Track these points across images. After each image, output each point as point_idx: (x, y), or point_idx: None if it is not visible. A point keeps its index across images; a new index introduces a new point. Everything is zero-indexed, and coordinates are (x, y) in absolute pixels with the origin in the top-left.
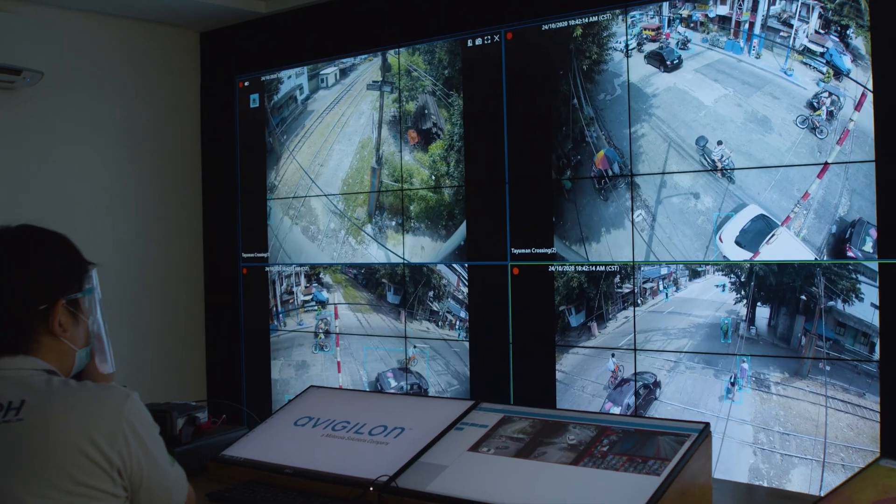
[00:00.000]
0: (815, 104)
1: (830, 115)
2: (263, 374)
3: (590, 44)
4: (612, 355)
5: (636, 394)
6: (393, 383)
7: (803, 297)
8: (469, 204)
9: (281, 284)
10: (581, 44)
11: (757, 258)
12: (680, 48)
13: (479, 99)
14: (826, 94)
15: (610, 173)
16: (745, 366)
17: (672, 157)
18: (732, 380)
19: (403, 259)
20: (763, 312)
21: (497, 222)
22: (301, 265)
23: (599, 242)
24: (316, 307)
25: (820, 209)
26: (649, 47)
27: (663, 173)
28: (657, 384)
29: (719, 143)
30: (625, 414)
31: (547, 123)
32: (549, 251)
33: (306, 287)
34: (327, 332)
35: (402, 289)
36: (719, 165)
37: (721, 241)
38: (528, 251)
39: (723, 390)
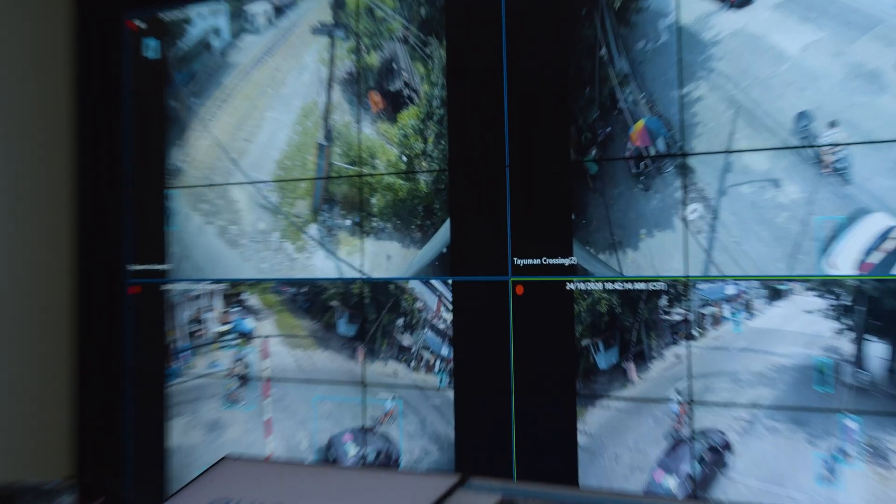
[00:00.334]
0: None
1: None
2: (157, 439)
3: None
4: (678, 392)
5: (700, 460)
6: (353, 451)
7: None
8: (454, 195)
9: (187, 309)
10: None
11: (868, 272)
12: None
13: (469, 49)
14: None
15: (652, 152)
16: (853, 426)
17: (741, 128)
18: (834, 447)
19: (361, 273)
20: (877, 349)
21: (494, 221)
22: (216, 281)
23: (638, 249)
24: (238, 342)
25: None
26: None
27: (728, 152)
28: (727, 446)
29: (832, 124)
30: (676, 497)
31: (564, 83)
32: (566, 262)
33: (224, 313)
34: (244, 379)
35: (360, 315)
36: (830, 158)
37: (833, 268)
38: (537, 262)
39: (820, 462)
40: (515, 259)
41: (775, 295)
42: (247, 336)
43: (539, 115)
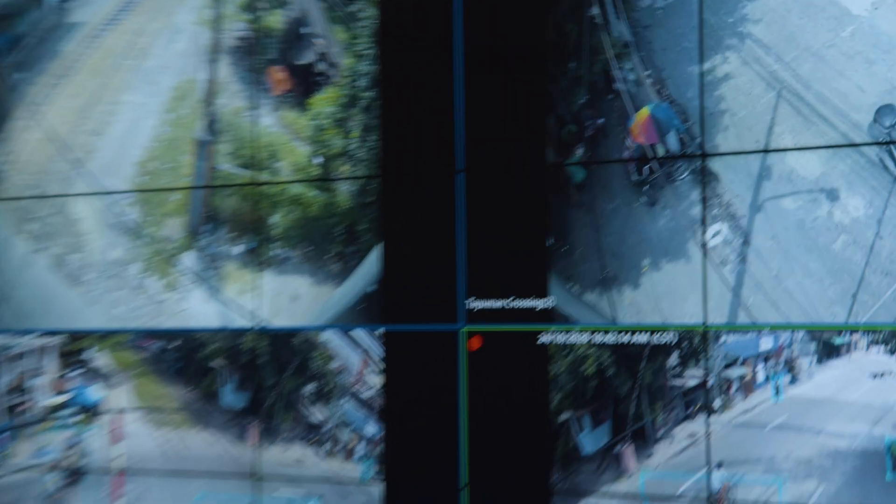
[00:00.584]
0: None
1: None
2: None
3: None
4: (720, 466)
5: None
6: None
7: None
8: (388, 212)
9: (4, 374)
10: None
11: None
12: None
13: (411, 7)
14: None
15: (661, 152)
16: None
17: (784, 118)
18: None
19: (256, 321)
20: None
21: (441, 248)
22: (49, 333)
23: (638, 288)
24: (78, 419)
25: None
26: None
27: (766, 151)
28: None
29: None
30: None
31: (541, 56)
32: (539, 305)
33: (59, 378)
34: (76, 474)
35: (253, 380)
36: None
37: None
38: (499, 305)
39: None
40: (470, 301)
41: (829, 351)
42: (91, 410)
43: (504, 101)
